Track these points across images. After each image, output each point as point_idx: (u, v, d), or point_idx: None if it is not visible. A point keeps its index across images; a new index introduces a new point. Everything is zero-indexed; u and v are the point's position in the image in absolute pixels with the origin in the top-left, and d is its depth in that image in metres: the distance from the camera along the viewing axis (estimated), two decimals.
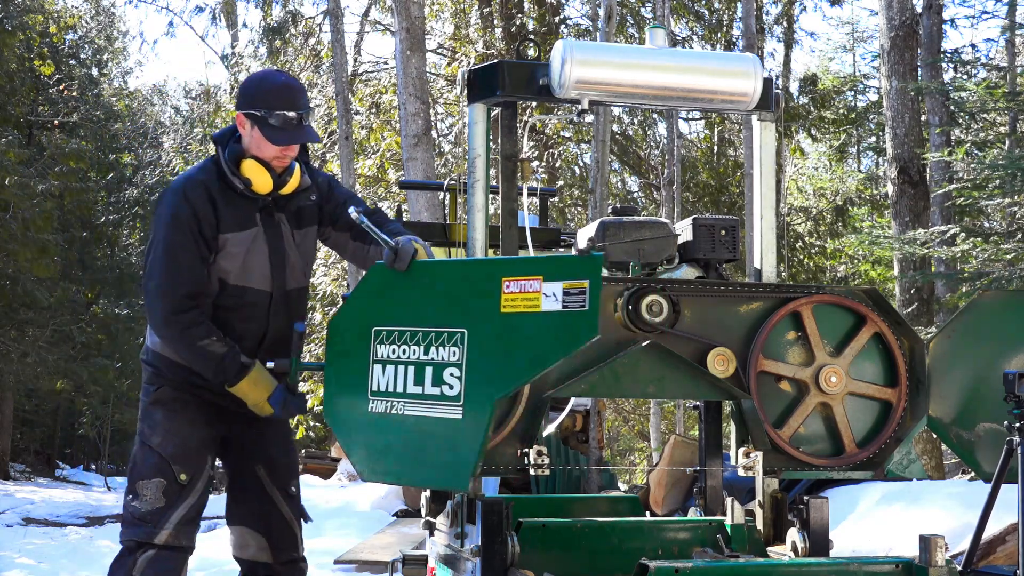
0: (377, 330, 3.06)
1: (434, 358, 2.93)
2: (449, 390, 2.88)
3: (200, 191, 3.43)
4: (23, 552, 9.46)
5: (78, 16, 25.48)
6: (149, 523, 3.46)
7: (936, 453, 11.20)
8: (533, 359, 2.78)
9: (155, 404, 3.56)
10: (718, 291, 3.41)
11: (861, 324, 3.45)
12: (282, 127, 3.41)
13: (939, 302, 11.67)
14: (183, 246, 3.40)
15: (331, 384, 3.19)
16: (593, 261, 2.76)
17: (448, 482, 2.96)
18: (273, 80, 3.54)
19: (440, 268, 3.16)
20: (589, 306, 2.72)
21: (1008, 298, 3.69)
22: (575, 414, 8.83)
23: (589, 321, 2.71)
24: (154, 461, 3.49)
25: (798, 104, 18.67)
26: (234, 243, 3.46)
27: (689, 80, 3.44)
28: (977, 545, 3.65)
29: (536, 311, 2.78)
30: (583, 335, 2.73)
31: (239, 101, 3.50)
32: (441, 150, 16.46)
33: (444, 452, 2.89)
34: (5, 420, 23.11)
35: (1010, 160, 9.65)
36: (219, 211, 3.44)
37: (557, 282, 2.77)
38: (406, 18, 10.88)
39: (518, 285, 2.82)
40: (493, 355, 2.85)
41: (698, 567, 2.74)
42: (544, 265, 2.82)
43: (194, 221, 3.40)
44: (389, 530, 9.17)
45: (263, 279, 3.53)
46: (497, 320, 2.83)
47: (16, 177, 17.85)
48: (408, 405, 2.96)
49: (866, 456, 3.43)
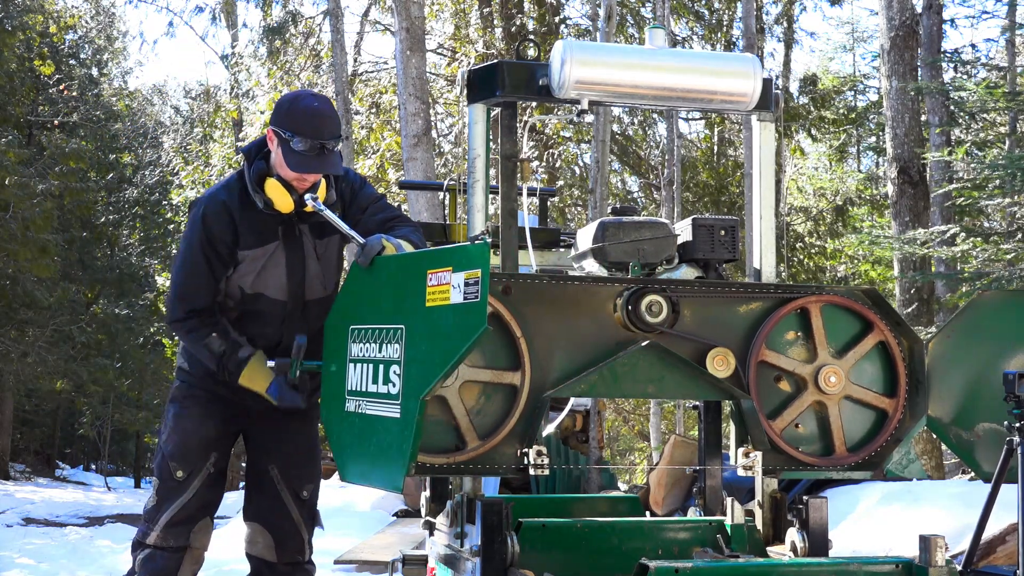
0: (352, 328, 3.06)
1: (384, 356, 2.88)
2: (392, 388, 2.83)
3: (221, 214, 3.48)
4: (23, 552, 9.46)
5: (78, 16, 25.47)
6: (147, 522, 3.59)
7: (936, 453, 11.20)
8: (444, 355, 2.64)
9: (171, 401, 3.71)
10: (718, 291, 3.41)
11: (868, 330, 3.45)
12: (303, 153, 3.36)
13: (939, 302, 11.67)
14: (197, 266, 3.51)
15: (323, 384, 3.22)
16: (481, 248, 2.61)
17: (384, 482, 2.85)
18: (305, 103, 3.43)
19: (385, 263, 3.09)
20: (480, 297, 2.57)
21: (1008, 298, 3.69)
22: (575, 414, 8.84)
23: (478, 313, 2.55)
24: (159, 459, 3.63)
25: (798, 104, 18.67)
26: (252, 258, 3.52)
27: (689, 80, 3.44)
28: (977, 545, 3.65)
29: (447, 304, 2.66)
30: (475, 328, 2.56)
31: (273, 116, 3.49)
32: (441, 150, 16.46)
33: (383, 451, 2.84)
34: (5, 420, 23.11)
35: (1010, 160, 9.65)
36: (239, 230, 3.48)
37: (460, 272, 2.63)
38: (406, 18, 10.88)
39: (437, 277, 2.71)
40: (420, 351, 2.76)
41: (698, 567, 2.74)
42: (451, 255, 2.70)
43: (209, 246, 3.48)
44: (389, 530, 9.17)
45: (279, 289, 3.57)
46: (424, 314, 2.75)
47: (16, 177, 17.84)
48: (369, 404, 2.93)
49: (855, 460, 3.42)
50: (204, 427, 3.63)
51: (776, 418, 3.38)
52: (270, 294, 3.57)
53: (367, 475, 2.97)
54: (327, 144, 3.38)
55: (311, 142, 3.35)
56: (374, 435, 2.89)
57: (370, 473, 2.95)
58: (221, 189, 3.58)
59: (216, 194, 3.56)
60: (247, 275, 3.54)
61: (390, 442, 2.80)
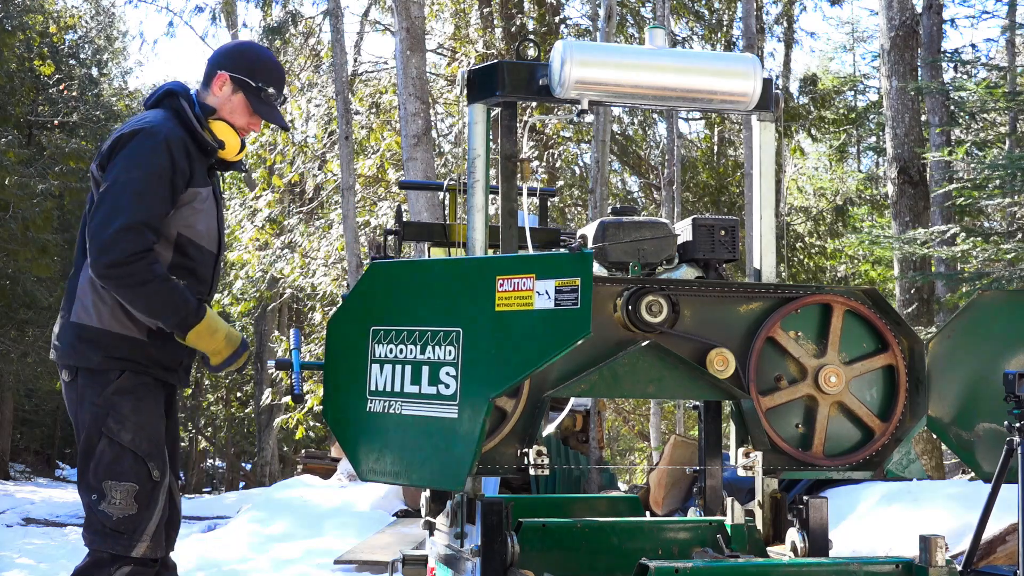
0: (375, 330, 3.07)
1: (430, 357, 2.94)
2: (445, 389, 2.89)
3: (181, 146, 3.30)
4: (23, 552, 9.47)
5: (78, 16, 25.47)
6: (124, 534, 3.20)
7: (936, 453, 11.20)
8: (526, 358, 2.79)
9: (120, 393, 3.24)
10: (718, 291, 3.41)
11: (882, 350, 3.46)
12: (266, 103, 3.49)
13: (939, 302, 11.66)
14: (156, 191, 3.20)
15: (330, 384, 3.19)
16: (584, 259, 2.75)
17: (444, 482, 2.95)
18: (270, 57, 3.60)
19: (436, 267, 3.17)
20: (581, 304, 2.72)
21: (1008, 298, 3.69)
22: (575, 414, 8.83)
23: (581, 319, 2.72)
24: (129, 461, 3.21)
25: (798, 104, 18.67)
26: (201, 198, 3.37)
27: (689, 80, 3.44)
28: (977, 545, 3.65)
29: (529, 309, 2.78)
30: (575, 333, 2.73)
31: (227, 62, 3.48)
32: (441, 150, 16.45)
33: (441, 452, 2.89)
34: (5, 420, 23.12)
35: (1010, 160, 9.64)
36: (193, 164, 3.34)
37: (549, 280, 2.77)
38: (406, 18, 10.88)
39: (512, 283, 2.82)
40: (488, 354, 2.85)
41: (698, 567, 2.74)
42: (536, 263, 2.83)
43: (172, 174, 3.24)
44: (389, 530, 9.17)
45: (211, 239, 3.45)
46: (491, 319, 2.84)
47: (16, 177, 17.86)
48: (406, 404, 2.97)
49: (828, 464, 3.42)
50: (160, 419, 3.35)
51: (766, 396, 3.39)
52: (206, 244, 3.42)
53: (405, 474, 3.02)
54: (284, 98, 3.60)
55: (276, 94, 3.51)
56: (420, 435, 2.92)
57: (412, 472, 2.99)
58: (169, 121, 3.35)
59: (167, 124, 3.33)
60: (191, 218, 3.34)
61: (447, 442, 2.85)
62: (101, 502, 3.20)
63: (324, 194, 17.28)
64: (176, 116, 3.38)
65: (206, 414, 30.91)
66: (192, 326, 3.24)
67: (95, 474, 3.22)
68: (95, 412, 3.24)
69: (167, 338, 3.31)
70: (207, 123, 3.42)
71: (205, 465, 32.84)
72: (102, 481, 3.20)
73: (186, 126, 3.37)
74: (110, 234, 3.12)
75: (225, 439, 30.79)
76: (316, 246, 16.42)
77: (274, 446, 22.18)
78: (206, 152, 3.42)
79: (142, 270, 3.13)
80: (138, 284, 3.14)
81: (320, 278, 16.10)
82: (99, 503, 3.21)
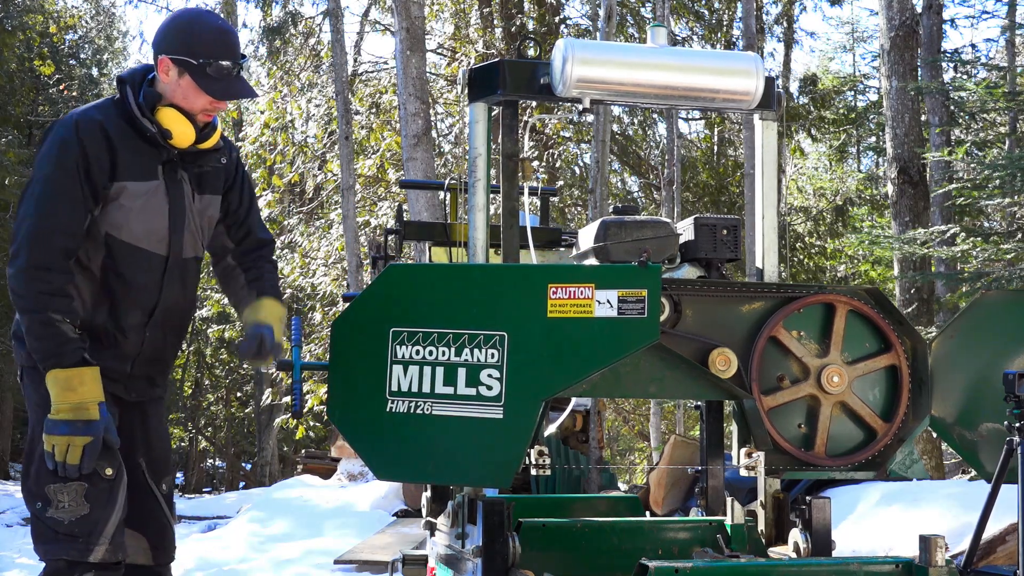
0: (396, 331, 3.05)
1: (468, 360, 3.00)
2: (487, 391, 2.98)
3: (95, 130, 2.99)
4: (23, 552, 9.46)
5: (78, 16, 25.46)
6: (78, 537, 2.92)
7: (936, 453, 11.19)
8: (585, 361, 2.98)
9: None
10: (720, 291, 3.40)
11: (885, 350, 3.45)
12: (219, 78, 3.06)
13: (939, 302, 11.66)
14: (64, 189, 2.94)
15: (337, 384, 3.14)
16: (651, 272, 2.99)
17: (489, 480, 3.10)
18: (209, 23, 3.13)
19: (476, 273, 3.20)
20: (649, 313, 2.97)
21: (1010, 298, 3.69)
22: (575, 414, 8.82)
23: (649, 326, 2.98)
24: None
25: (798, 104, 18.66)
26: (131, 194, 3.03)
27: (691, 79, 3.43)
28: (977, 545, 3.64)
29: (588, 316, 2.97)
30: (642, 339, 2.99)
31: (164, 43, 3.08)
32: (441, 150, 16.45)
33: (483, 451, 2.96)
34: (5, 420, 23.11)
35: (1010, 160, 9.64)
36: (117, 155, 3.00)
37: (611, 290, 2.98)
38: (406, 18, 10.88)
39: (567, 292, 2.99)
40: (539, 357, 2.98)
41: (698, 567, 2.73)
42: (596, 273, 3.02)
43: (83, 161, 2.96)
44: (389, 530, 9.17)
45: (159, 242, 3.10)
46: (543, 324, 2.97)
47: (16, 177, 17.84)
48: (436, 405, 3.00)
49: (831, 464, 3.42)
50: None
51: (768, 395, 3.38)
52: (150, 248, 3.08)
53: (435, 473, 3.09)
54: (241, 64, 3.11)
55: (227, 64, 3.06)
56: (456, 435, 2.97)
57: (443, 470, 3.05)
58: (94, 109, 3.07)
59: (88, 112, 3.05)
60: (122, 221, 3.03)
61: (492, 441, 2.94)
62: (48, 508, 2.95)
63: (324, 194, 17.28)
64: (117, 105, 3.09)
65: (206, 414, 30.88)
66: (51, 367, 2.90)
67: (36, 480, 2.97)
68: (35, 412, 3.04)
69: (103, 343, 3.08)
70: (155, 112, 3.07)
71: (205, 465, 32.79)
72: (44, 486, 2.94)
73: (126, 115, 3.06)
74: (13, 273, 2.92)
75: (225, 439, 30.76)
76: (316, 246, 16.43)
77: (274, 446, 22.17)
78: (153, 143, 3.07)
79: (35, 287, 2.91)
80: (26, 299, 2.92)
81: (320, 278, 16.11)
82: (45, 510, 2.95)
